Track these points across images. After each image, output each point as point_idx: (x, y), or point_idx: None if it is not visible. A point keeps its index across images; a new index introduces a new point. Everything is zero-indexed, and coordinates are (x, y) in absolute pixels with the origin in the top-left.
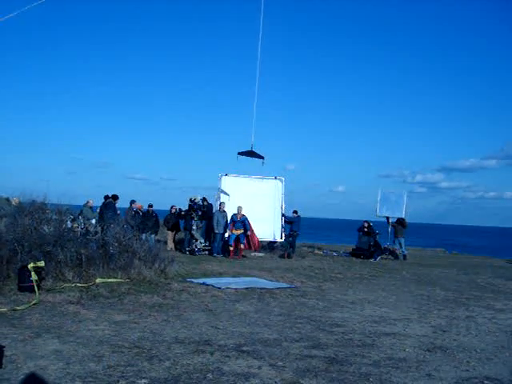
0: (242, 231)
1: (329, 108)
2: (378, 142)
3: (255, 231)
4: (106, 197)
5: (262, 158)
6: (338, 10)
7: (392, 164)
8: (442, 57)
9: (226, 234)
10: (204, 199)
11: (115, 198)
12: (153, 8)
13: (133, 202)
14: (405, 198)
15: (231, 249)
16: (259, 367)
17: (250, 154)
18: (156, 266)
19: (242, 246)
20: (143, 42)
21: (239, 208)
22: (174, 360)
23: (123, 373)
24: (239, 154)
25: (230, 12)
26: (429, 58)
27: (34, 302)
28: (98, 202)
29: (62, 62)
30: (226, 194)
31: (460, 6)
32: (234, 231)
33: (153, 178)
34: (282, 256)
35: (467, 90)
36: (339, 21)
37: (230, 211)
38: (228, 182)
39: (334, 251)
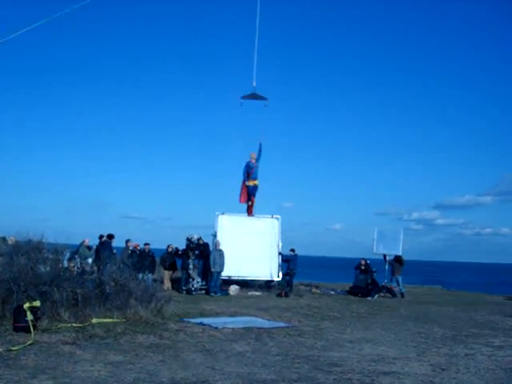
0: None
1: (324, 146)
2: (373, 180)
3: (251, 270)
4: (101, 236)
5: (265, 99)
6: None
7: (388, 202)
8: (437, 95)
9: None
10: (199, 239)
11: (111, 237)
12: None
13: (128, 241)
14: (401, 236)
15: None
16: None
17: (254, 96)
18: (152, 305)
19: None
20: (140, 80)
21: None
22: None
23: None
24: (243, 97)
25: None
26: (423, 97)
27: (29, 343)
28: (94, 240)
29: (59, 101)
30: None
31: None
32: (250, 182)
33: (149, 217)
34: (279, 295)
35: (461, 128)
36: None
37: (226, 250)
38: (225, 221)
39: (332, 289)
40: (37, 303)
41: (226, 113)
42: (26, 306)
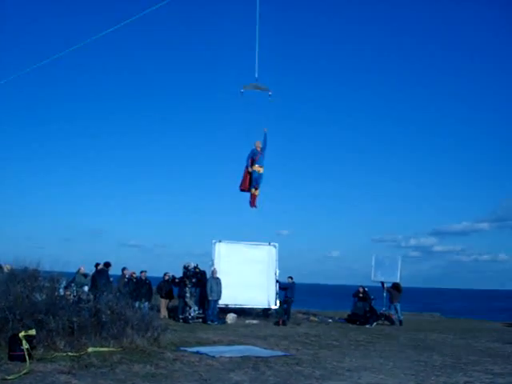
0: (263, 170)
1: (321, 173)
2: (370, 207)
3: (248, 298)
4: (97, 264)
5: (268, 90)
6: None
7: (385, 228)
8: (434, 123)
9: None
10: (195, 267)
11: (107, 265)
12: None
13: (124, 269)
14: (399, 263)
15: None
16: None
17: (256, 87)
18: (149, 334)
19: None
20: (139, 109)
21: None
22: None
23: None
24: (244, 87)
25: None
26: (420, 123)
27: (24, 372)
28: (90, 268)
29: (55, 127)
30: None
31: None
32: (255, 167)
33: (146, 245)
34: (276, 323)
35: (458, 154)
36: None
37: (223, 278)
38: (222, 249)
39: (330, 317)
40: (32, 332)
41: (225, 142)
42: (22, 334)
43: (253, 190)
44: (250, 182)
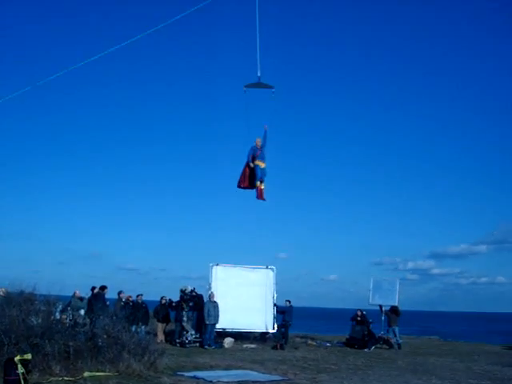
0: (265, 165)
1: (319, 197)
2: (368, 230)
3: (246, 322)
4: (93, 288)
5: (271, 87)
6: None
7: (383, 251)
8: (432, 145)
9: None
10: (192, 290)
11: (104, 288)
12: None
13: (120, 292)
14: (397, 286)
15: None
16: None
17: (258, 85)
18: (146, 358)
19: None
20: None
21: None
22: None
23: None
24: (246, 86)
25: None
26: (419, 146)
27: None
28: (86, 292)
29: (53, 154)
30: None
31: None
32: (256, 162)
33: (143, 268)
34: (274, 347)
35: (455, 177)
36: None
37: (220, 302)
38: (219, 272)
39: (328, 341)
40: (28, 356)
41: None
42: (17, 358)
43: (258, 183)
44: (252, 177)
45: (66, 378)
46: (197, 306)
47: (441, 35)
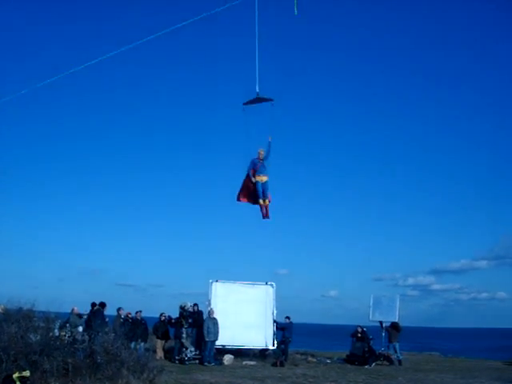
0: (267, 178)
1: (318, 212)
2: (368, 246)
3: (245, 339)
4: (93, 304)
5: (271, 100)
6: None
7: (383, 267)
8: (431, 159)
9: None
10: (195, 305)
11: (103, 305)
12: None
13: (119, 309)
14: (397, 302)
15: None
16: None
17: (257, 100)
18: (145, 375)
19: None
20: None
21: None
22: None
23: None
24: (245, 104)
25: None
26: (419, 161)
27: None
28: (85, 308)
29: (51, 166)
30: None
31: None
32: (258, 178)
33: (142, 285)
34: (274, 364)
35: (455, 192)
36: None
37: (220, 318)
38: (218, 288)
39: (328, 358)
40: (26, 373)
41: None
42: (16, 375)
43: (261, 201)
44: (255, 194)
45: None
46: (196, 323)
47: (438, 42)
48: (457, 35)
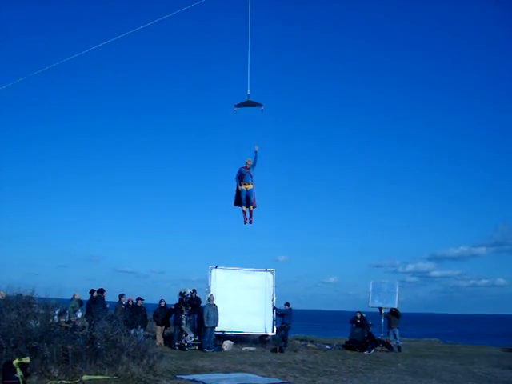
0: (252, 186)
1: (318, 199)
2: (368, 232)
3: (245, 325)
4: (92, 291)
5: (260, 105)
6: None
7: (383, 254)
8: (432, 148)
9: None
10: (194, 291)
11: (102, 291)
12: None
13: (121, 295)
14: (397, 288)
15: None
16: None
17: (248, 103)
18: (144, 362)
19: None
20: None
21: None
22: None
23: None
24: (236, 106)
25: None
26: (418, 150)
27: None
28: (85, 295)
29: (48, 154)
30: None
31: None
32: (243, 186)
33: (142, 271)
34: (273, 350)
35: (455, 179)
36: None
37: (219, 304)
38: (218, 275)
39: (327, 344)
40: (26, 359)
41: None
42: (16, 362)
43: (244, 207)
44: (240, 201)
45: (64, 382)
46: (196, 309)
47: (435, 47)
48: (456, 36)
